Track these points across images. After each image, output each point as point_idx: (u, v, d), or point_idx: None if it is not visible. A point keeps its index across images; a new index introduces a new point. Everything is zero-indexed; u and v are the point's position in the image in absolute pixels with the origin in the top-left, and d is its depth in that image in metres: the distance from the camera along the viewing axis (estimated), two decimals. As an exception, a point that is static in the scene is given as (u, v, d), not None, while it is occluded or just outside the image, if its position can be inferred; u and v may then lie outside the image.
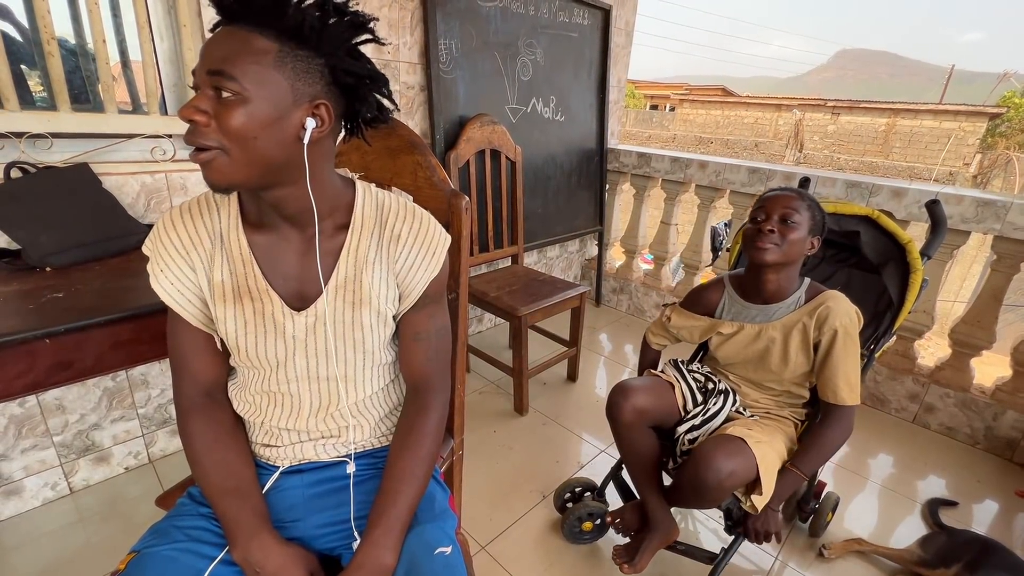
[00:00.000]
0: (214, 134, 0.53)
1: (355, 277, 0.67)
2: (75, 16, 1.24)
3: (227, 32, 0.54)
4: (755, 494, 1.00)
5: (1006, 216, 1.68)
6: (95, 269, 1.04)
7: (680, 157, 2.52)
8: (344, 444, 0.75)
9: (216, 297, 0.66)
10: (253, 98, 0.53)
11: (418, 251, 0.70)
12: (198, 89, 0.54)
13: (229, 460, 0.69)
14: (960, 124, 11.05)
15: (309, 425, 0.72)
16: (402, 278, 0.70)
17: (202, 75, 0.53)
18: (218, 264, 0.65)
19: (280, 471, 0.73)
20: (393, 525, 0.65)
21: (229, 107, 0.53)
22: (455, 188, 0.94)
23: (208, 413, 0.70)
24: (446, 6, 1.80)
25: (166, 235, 0.65)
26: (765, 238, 1.01)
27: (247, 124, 0.53)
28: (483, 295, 1.86)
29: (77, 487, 1.42)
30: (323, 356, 0.69)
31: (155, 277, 0.65)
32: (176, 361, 0.70)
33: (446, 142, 1.88)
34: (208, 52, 0.53)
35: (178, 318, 0.67)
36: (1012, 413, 1.77)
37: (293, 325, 0.66)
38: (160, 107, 1.35)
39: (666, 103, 20.14)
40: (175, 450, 1.58)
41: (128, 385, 1.43)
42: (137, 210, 1.31)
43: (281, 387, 0.70)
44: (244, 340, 0.66)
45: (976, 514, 1.56)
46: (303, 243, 0.66)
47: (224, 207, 0.66)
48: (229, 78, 0.52)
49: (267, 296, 0.66)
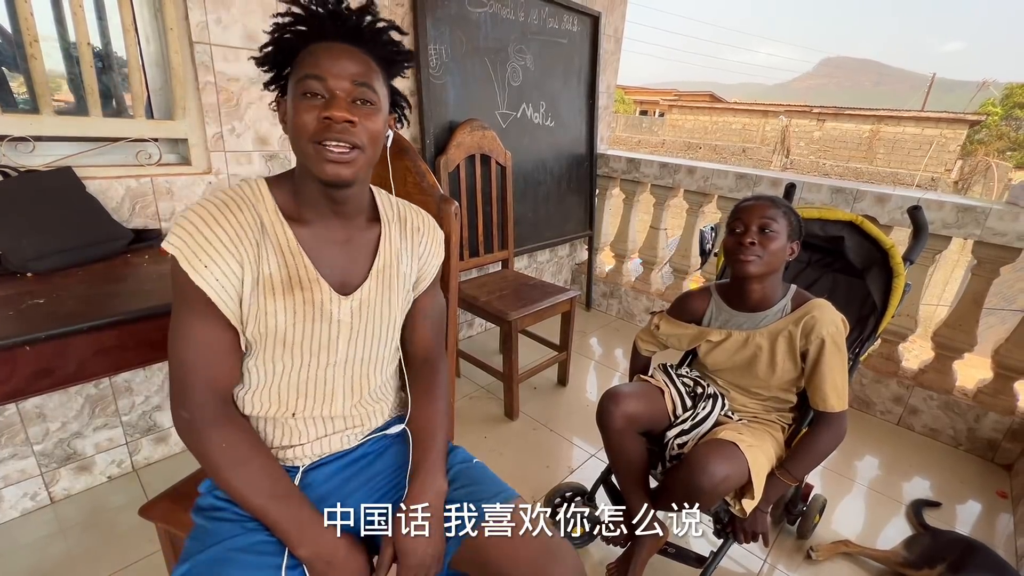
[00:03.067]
0: (361, 135, 0.64)
1: (391, 263, 0.76)
2: (59, 19, 1.22)
3: (343, 50, 0.64)
4: (745, 498, 1.00)
5: (985, 221, 1.72)
6: (78, 275, 1.02)
7: (669, 162, 2.54)
8: (365, 431, 0.80)
9: (265, 290, 0.66)
10: (382, 107, 0.67)
11: (431, 241, 0.82)
12: (316, 95, 0.62)
13: (270, 464, 0.68)
14: (942, 131, 11.29)
15: (344, 411, 0.76)
16: (421, 264, 0.82)
17: (344, 85, 0.62)
18: (265, 257, 0.66)
19: (301, 470, 0.75)
20: (437, 459, 0.75)
21: (369, 114, 0.64)
22: (444, 193, 0.94)
23: (233, 421, 0.68)
24: (436, 11, 1.81)
25: (208, 229, 0.63)
26: (746, 251, 1.02)
27: (380, 128, 0.66)
28: (473, 300, 1.86)
29: (58, 497, 1.39)
30: (362, 337, 0.75)
31: (198, 273, 0.62)
32: (188, 369, 0.65)
33: (436, 147, 1.88)
34: (342, 66, 0.63)
35: (205, 319, 0.64)
36: (993, 415, 1.81)
37: (339, 310, 0.71)
38: (146, 111, 1.34)
39: (655, 109, 20.35)
40: (160, 458, 1.55)
41: (111, 392, 1.40)
42: (122, 214, 1.29)
43: (316, 374, 0.72)
44: (293, 331, 0.68)
45: (959, 514, 1.59)
46: (345, 233, 0.72)
47: (259, 200, 0.68)
48: (372, 90, 0.65)
49: (317, 285, 0.69)
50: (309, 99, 0.62)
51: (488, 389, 2.08)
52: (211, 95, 1.39)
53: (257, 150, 1.52)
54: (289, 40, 0.65)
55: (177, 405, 0.66)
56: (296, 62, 0.65)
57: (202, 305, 0.64)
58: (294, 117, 0.63)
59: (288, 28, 0.65)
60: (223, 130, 1.44)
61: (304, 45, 0.65)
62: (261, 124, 1.51)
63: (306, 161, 0.64)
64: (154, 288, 0.98)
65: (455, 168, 1.89)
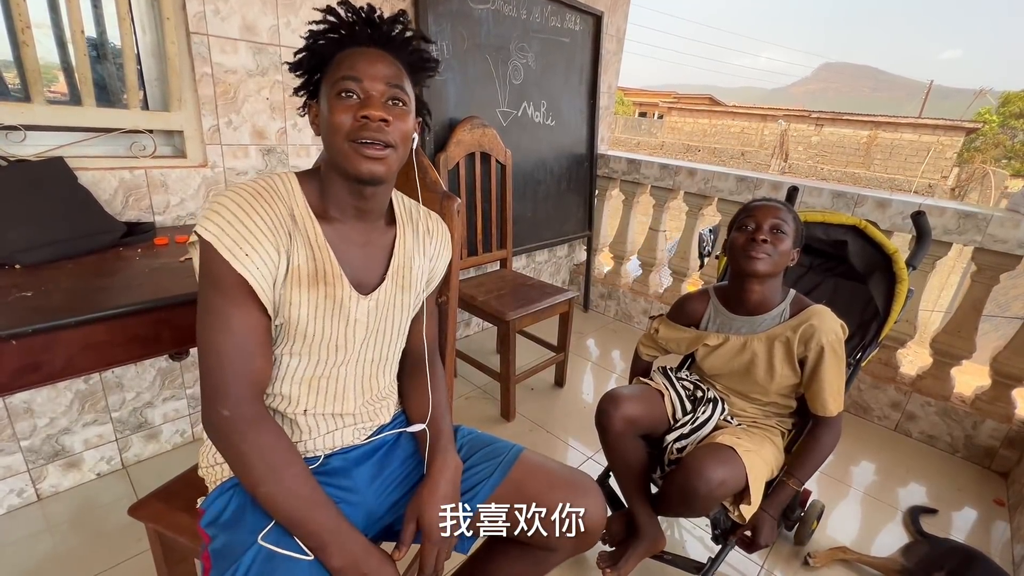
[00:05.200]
0: (394, 133, 0.66)
1: (405, 265, 0.78)
2: (53, 5, 1.20)
3: (377, 55, 0.67)
4: (743, 504, 0.99)
5: (987, 228, 1.72)
6: (67, 267, 1.00)
7: (669, 164, 2.53)
8: (373, 426, 0.82)
9: (292, 281, 0.66)
10: (411, 109, 0.70)
11: (441, 243, 0.85)
12: (351, 94, 0.65)
13: (306, 469, 0.66)
14: (938, 138, 11.35)
15: (355, 408, 0.78)
16: (432, 267, 0.84)
17: (379, 86, 0.65)
18: (296, 248, 0.67)
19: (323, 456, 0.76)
20: (448, 438, 0.80)
21: (402, 114, 0.67)
22: (447, 190, 0.92)
23: (271, 420, 0.66)
24: (438, 7, 1.79)
25: (247, 216, 0.62)
26: (758, 247, 1.01)
27: (411, 128, 0.69)
28: (471, 299, 1.84)
29: (45, 494, 1.36)
30: (376, 337, 0.76)
31: (239, 261, 0.61)
32: (227, 361, 0.62)
33: (436, 144, 1.86)
34: (377, 69, 0.66)
35: (244, 307, 0.63)
36: (991, 422, 1.80)
37: (357, 308, 0.72)
38: (141, 102, 1.31)
39: (654, 111, 20.39)
40: (150, 456, 1.53)
41: (102, 387, 1.38)
42: (114, 207, 1.27)
43: (329, 371, 0.73)
44: (312, 325, 0.69)
45: (955, 521, 1.58)
46: (364, 234, 0.74)
47: (290, 194, 0.68)
48: (404, 91, 0.68)
49: (339, 281, 0.70)
50: (345, 99, 0.65)
51: (484, 390, 2.06)
52: (208, 87, 1.36)
53: (254, 144, 1.50)
54: (323, 46, 0.68)
55: (215, 403, 0.62)
56: (331, 66, 0.67)
57: (241, 294, 0.62)
58: (330, 116, 0.65)
59: (324, 35, 0.68)
60: (219, 123, 1.41)
61: (338, 51, 0.68)
62: (259, 117, 1.48)
63: (340, 159, 0.66)
64: (145, 283, 0.96)
65: (455, 166, 1.87)
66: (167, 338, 0.92)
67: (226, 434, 0.63)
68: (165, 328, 0.91)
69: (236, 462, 0.63)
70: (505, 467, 0.79)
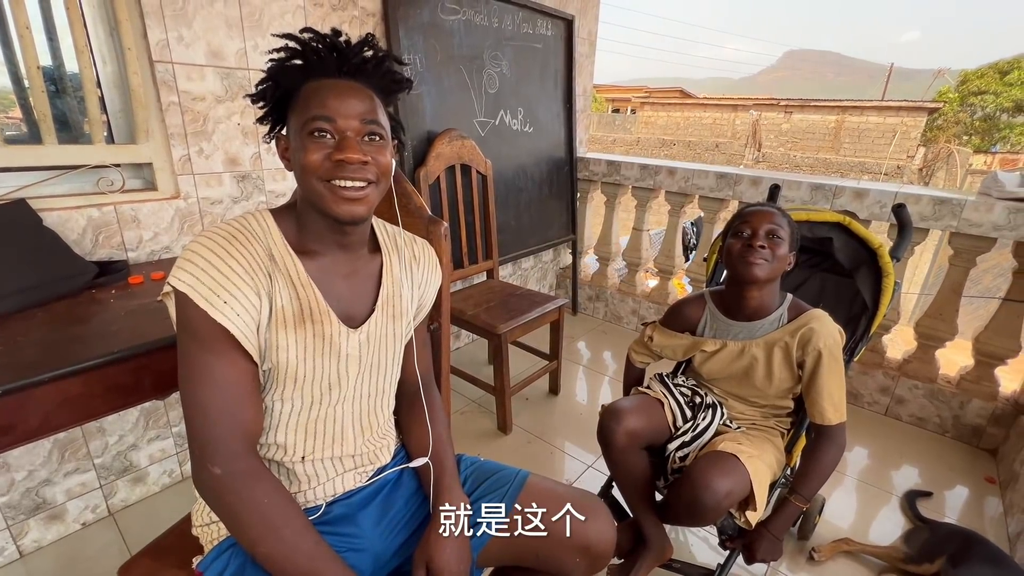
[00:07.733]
0: (374, 170, 0.63)
1: (395, 294, 0.76)
2: (5, 41, 1.14)
3: (348, 88, 0.63)
4: (749, 510, 0.99)
5: (961, 213, 1.76)
6: (38, 316, 0.95)
7: (649, 164, 2.54)
8: (375, 467, 0.79)
9: (277, 323, 0.63)
10: (388, 138, 0.66)
11: (429, 269, 0.83)
12: (324, 134, 0.61)
13: (308, 522, 0.63)
14: (902, 119, 11.67)
15: (355, 449, 0.75)
16: (421, 294, 0.82)
17: (353, 124, 0.62)
18: (278, 288, 0.64)
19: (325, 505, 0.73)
20: (453, 475, 0.78)
21: (380, 149, 0.64)
22: (432, 215, 0.90)
23: (267, 473, 0.63)
24: (409, 21, 1.76)
25: (221, 262, 0.59)
26: (756, 254, 1.00)
27: (390, 160, 0.66)
28: (460, 313, 1.82)
29: (28, 550, 1.30)
30: (369, 370, 0.74)
31: (218, 310, 0.58)
32: (214, 416, 0.59)
33: (415, 159, 1.83)
34: (350, 106, 0.62)
35: (226, 358, 0.59)
36: (977, 401, 1.85)
37: (347, 343, 0.69)
38: (106, 135, 1.26)
39: (627, 106, 20.53)
40: (137, 499, 1.47)
41: (82, 434, 1.32)
42: (84, 247, 1.22)
43: (325, 412, 0.70)
44: (303, 366, 0.66)
45: (949, 501, 1.62)
46: (349, 265, 0.71)
47: (267, 233, 0.65)
48: (379, 124, 0.64)
49: (327, 318, 0.67)
50: (318, 138, 0.61)
51: (479, 403, 2.04)
52: (176, 116, 1.32)
53: (228, 171, 1.45)
54: (288, 76, 0.64)
55: (205, 462, 0.59)
56: (299, 99, 0.63)
57: (223, 344, 0.59)
58: (303, 156, 0.61)
59: (288, 63, 0.64)
60: (190, 152, 1.37)
61: (304, 80, 0.63)
62: (231, 144, 1.44)
63: (316, 200, 0.63)
64: (122, 327, 0.92)
65: (435, 180, 1.85)
66: (148, 385, 0.88)
67: (219, 493, 0.59)
68: (146, 375, 0.87)
69: (232, 521, 0.60)
70: (512, 497, 0.77)
